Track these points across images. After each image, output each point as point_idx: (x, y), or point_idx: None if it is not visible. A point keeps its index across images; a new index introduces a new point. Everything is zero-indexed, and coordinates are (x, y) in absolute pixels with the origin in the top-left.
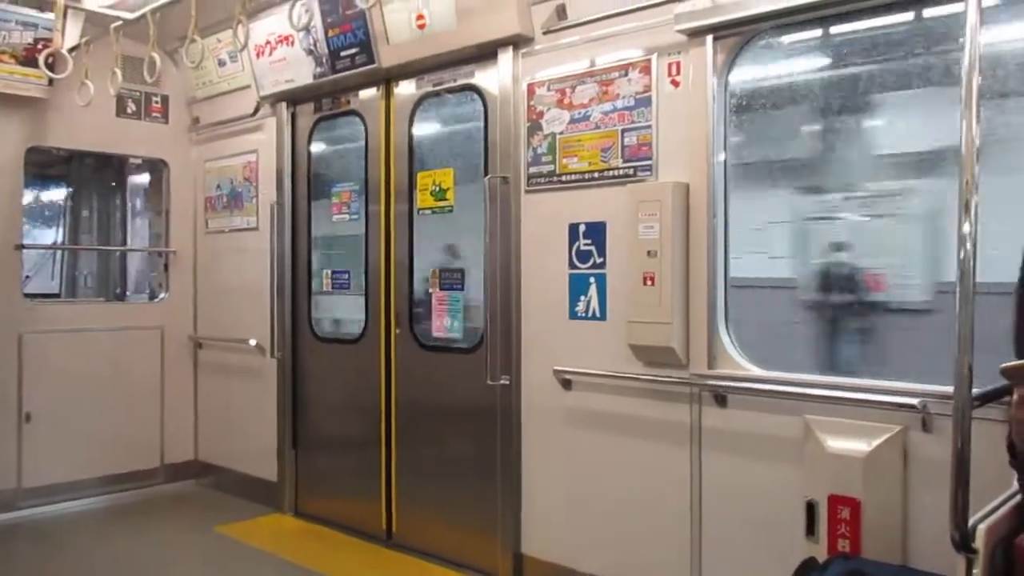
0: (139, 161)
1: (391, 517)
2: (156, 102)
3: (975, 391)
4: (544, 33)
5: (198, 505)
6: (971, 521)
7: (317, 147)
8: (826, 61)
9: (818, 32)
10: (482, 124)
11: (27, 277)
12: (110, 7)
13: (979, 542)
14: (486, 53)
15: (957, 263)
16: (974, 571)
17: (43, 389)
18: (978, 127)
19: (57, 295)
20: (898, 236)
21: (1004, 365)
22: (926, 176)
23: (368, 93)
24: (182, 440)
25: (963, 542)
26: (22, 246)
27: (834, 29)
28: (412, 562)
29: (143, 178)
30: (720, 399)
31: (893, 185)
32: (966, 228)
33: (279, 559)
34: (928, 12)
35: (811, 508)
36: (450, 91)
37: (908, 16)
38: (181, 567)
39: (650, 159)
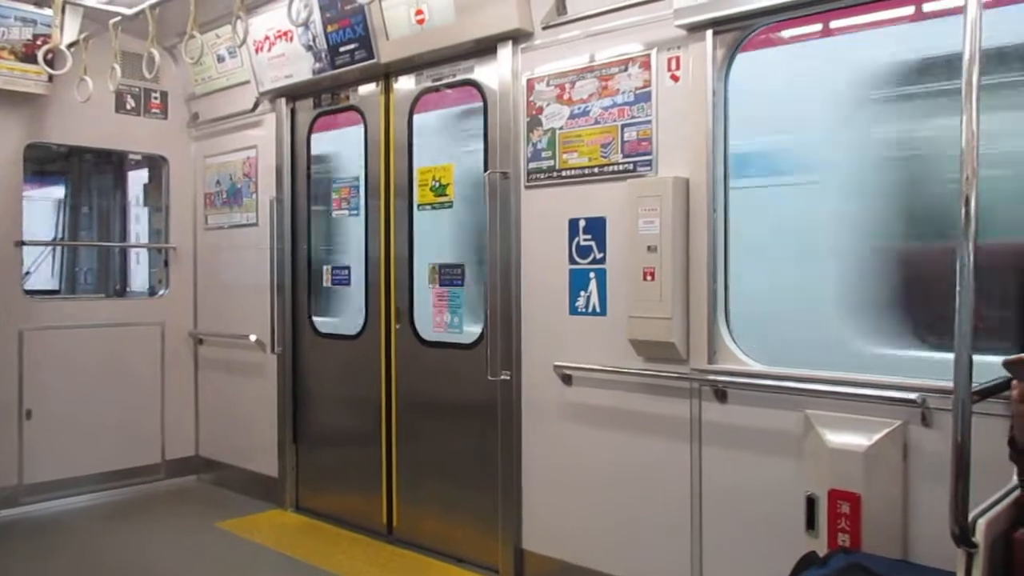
0: (139, 157)
1: (392, 512)
2: (155, 98)
3: (975, 385)
4: (543, 28)
5: (199, 501)
6: (971, 515)
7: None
8: None
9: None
10: (481, 119)
11: (27, 273)
12: (109, 3)
13: (979, 536)
14: (485, 48)
15: (958, 257)
16: (974, 565)
17: (44, 385)
18: (978, 122)
19: (57, 291)
20: None
21: (1006, 359)
22: None
23: (367, 88)
24: (183, 436)
25: (963, 536)
26: (22, 242)
27: None
28: (413, 557)
29: (143, 174)
30: (720, 394)
31: None
32: (966, 223)
33: (280, 555)
34: (929, 7)
35: (811, 502)
36: (450, 86)
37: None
38: (182, 563)
39: (650, 154)
